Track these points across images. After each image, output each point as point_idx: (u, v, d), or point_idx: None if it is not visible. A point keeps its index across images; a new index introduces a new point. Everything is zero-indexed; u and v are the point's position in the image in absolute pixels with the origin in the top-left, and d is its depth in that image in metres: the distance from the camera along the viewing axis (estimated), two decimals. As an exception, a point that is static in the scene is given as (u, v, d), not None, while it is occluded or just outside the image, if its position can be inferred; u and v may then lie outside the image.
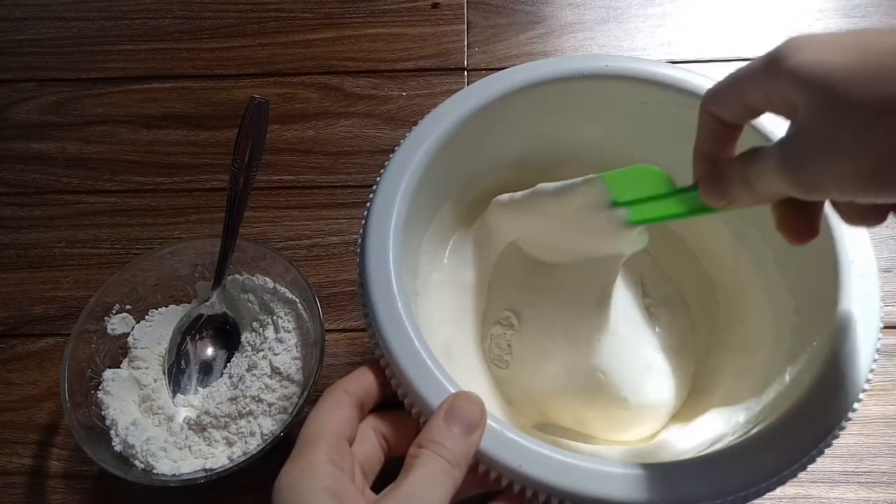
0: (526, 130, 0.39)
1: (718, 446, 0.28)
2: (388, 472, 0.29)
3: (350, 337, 0.46)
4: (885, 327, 0.45)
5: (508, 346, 0.39)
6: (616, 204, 0.33)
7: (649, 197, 0.31)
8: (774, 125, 0.34)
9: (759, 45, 0.57)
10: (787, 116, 0.24)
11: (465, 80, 0.57)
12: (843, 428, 0.27)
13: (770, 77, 0.24)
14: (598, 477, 0.26)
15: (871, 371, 0.29)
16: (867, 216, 0.25)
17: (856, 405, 0.28)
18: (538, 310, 0.39)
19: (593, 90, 0.37)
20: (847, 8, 0.59)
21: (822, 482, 0.40)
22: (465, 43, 0.59)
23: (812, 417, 0.27)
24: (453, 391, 0.28)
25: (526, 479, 0.26)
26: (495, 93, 0.36)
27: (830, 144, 0.21)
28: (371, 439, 0.30)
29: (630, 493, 0.26)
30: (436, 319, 0.37)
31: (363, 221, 0.33)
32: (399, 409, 0.30)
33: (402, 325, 0.30)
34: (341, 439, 0.28)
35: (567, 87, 0.37)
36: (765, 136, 0.33)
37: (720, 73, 0.36)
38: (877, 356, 0.29)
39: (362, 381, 0.30)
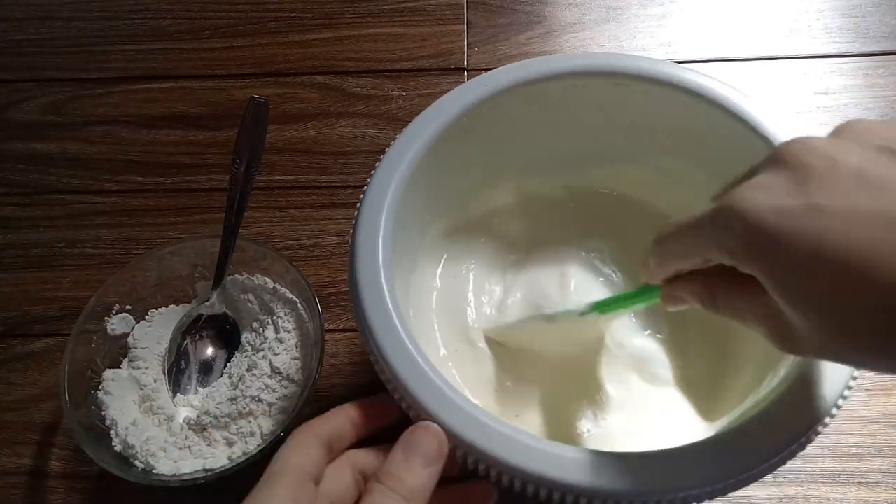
0: (513, 132, 0.39)
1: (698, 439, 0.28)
2: None
3: (350, 337, 0.46)
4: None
5: None
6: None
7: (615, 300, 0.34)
8: (776, 131, 0.34)
9: (759, 45, 0.57)
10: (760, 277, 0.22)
11: (465, 80, 0.57)
12: (826, 425, 0.27)
13: (725, 237, 0.22)
14: (586, 466, 0.26)
15: (854, 377, 0.28)
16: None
17: (834, 411, 0.27)
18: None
19: (569, 89, 0.38)
20: (847, 8, 0.59)
21: (822, 482, 0.40)
22: (465, 43, 0.59)
23: (789, 415, 0.27)
24: (443, 387, 0.28)
25: (524, 474, 0.26)
26: (477, 96, 0.36)
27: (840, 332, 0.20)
28: (345, 475, 0.29)
29: (629, 483, 0.26)
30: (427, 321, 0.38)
31: (353, 223, 0.33)
32: (381, 444, 0.30)
33: (394, 329, 0.30)
34: (303, 477, 0.27)
35: (541, 87, 0.37)
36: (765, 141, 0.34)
37: (720, 73, 0.36)
38: None
39: (331, 422, 0.30)
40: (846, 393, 0.28)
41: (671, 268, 0.27)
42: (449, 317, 0.40)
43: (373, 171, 0.34)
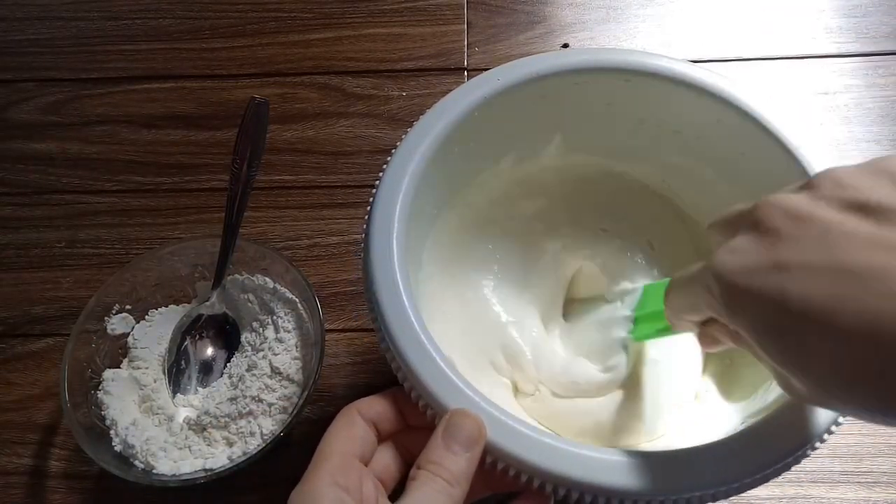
0: (521, 127, 0.39)
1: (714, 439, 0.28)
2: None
3: (350, 337, 0.46)
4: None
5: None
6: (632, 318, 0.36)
7: (650, 314, 0.34)
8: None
9: (759, 45, 0.57)
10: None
11: (466, 80, 0.57)
12: (831, 432, 0.27)
13: (709, 298, 0.24)
14: (608, 466, 0.26)
15: None
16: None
17: (840, 420, 0.27)
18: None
19: (579, 84, 0.37)
20: (847, 8, 0.59)
21: (822, 482, 0.40)
22: (465, 43, 0.59)
23: (800, 418, 0.27)
24: (463, 387, 0.28)
25: (545, 474, 0.26)
26: (489, 91, 0.36)
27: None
28: (391, 454, 0.30)
29: (649, 483, 0.26)
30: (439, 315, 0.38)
31: (367, 217, 0.33)
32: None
33: (412, 328, 0.29)
34: (349, 457, 0.28)
35: (551, 82, 0.37)
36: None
37: (721, 72, 0.36)
38: None
39: (378, 404, 0.30)
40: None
41: (685, 320, 0.29)
42: (453, 313, 0.40)
43: (382, 171, 0.34)
